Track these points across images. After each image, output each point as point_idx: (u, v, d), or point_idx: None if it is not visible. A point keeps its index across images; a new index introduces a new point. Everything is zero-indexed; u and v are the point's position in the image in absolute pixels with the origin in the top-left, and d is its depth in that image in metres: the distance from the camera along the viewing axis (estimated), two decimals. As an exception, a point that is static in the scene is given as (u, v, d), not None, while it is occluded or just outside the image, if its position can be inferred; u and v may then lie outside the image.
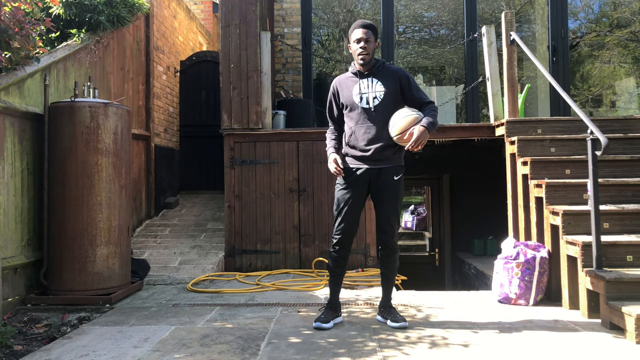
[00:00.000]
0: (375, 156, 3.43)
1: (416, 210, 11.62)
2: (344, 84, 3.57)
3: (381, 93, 3.44)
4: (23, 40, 4.00)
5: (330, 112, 3.68)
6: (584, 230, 3.77)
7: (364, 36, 3.43)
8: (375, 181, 3.46)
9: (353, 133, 3.49)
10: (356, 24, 3.51)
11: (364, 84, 3.48)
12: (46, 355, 3.01)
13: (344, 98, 3.54)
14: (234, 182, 5.61)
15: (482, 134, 5.55)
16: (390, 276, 3.56)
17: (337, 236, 3.46)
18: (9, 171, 4.00)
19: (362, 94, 3.47)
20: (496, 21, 6.78)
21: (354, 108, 3.48)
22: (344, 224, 3.45)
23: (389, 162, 3.46)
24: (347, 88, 3.53)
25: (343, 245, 3.47)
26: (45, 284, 4.20)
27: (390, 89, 3.46)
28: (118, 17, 5.63)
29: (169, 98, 7.74)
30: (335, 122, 3.68)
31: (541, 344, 3.08)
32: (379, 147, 3.41)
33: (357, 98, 3.47)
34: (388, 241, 3.47)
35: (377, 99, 3.44)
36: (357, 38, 3.45)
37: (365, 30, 3.45)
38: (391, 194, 3.45)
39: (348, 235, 3.47)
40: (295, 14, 7.26)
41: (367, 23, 3.49)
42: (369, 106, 3.44)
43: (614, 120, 4.96)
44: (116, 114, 4.36)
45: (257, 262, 5.56)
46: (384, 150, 3.43)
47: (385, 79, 3.48)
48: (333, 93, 3.62)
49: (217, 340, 3.19)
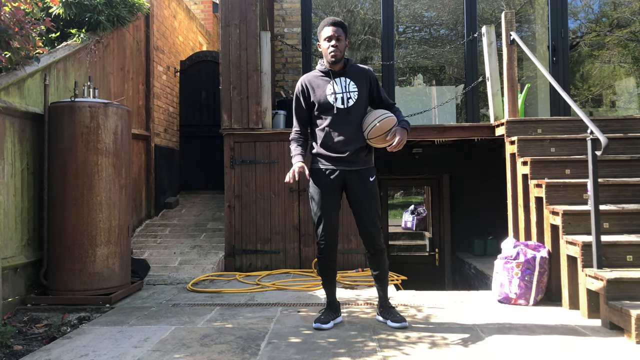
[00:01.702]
0: (350, 158, 3.37)
1: (416, 210, 11.61)
2: (314, 83, 3.45)
3: (355, 93, 3.39)
4: (23, 40, 4.00)
5: (299, 112, 3.51)
6: (584, 230, 3.77)
7: (335, 34, 3.35)
8: (351, 183, 3.40)
9: (327, 134, 3.39)
10: (326, 21, 3.42)
11: (337, 83, 3.40)
12: (46, 355, 3.01)
13: (316, 97, 3.42)
14: (234, 182, 5.61)
15: (482, 134, 5.55)
16: (383, 276, 3.53)
17: (322, 241, 3.42)
18: (9, 171, 4.00)
19: (337, 94, 3.38)
20: (496, 21, 6.78)
21: (327, 108, 3.38)
22: (325, 228, 3.39)
23: (364, 164, 3.43)
24: (320, 87, 3.42)
25: (330, 248, 3.44)
26: (45, 284, 4.20)
27: (362, 89, 3.42)
28: (118, 17, 5.63)
29: (169, 98, 7.74)
30: (303, 124, 3.53)
31: (541, 344, 3.08)
32: (354, 149, 3.37)
33: (331, 98, 3.37)
34: (373, 242, 3.43)
35: (352, 99, 3.38)
36: (328, 36, 3.37)
37: (335, 28, 3.37)
38: (369, 195, 3.41)
39: (332, 237, 3.43)
40: (295, 14, 7.26)
41: (337, 20, 3.42)
42: (344, 106, 3.36)
43: (614, 120, 4.96)
44: (116, 114, 4.36)
45: (257, 262, 5.56)
46: (359, 152, 3.40)
47: (356, 79, 3.43)
48: (302, 91, 3.46)
49: (217, 340, 3.19)
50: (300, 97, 3.49)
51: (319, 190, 3.42)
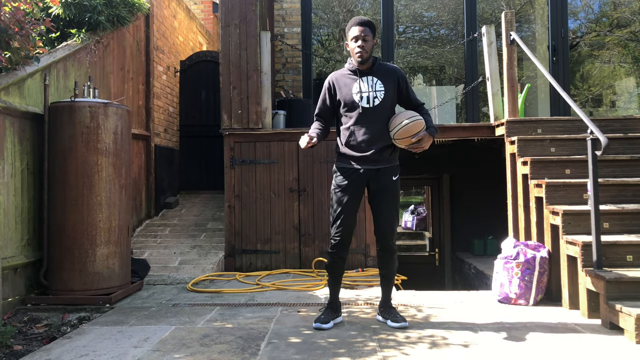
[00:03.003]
0: (374, 157, 3.39)
1: (416, 210, 11.62)
2: (341, 81, 3.48)
3: (381, 93, 3.39)
4: (23, 40, 4.00)
5: (323, 107, 3.55)
6: (584, 230, 3.77)
7: (362, 34, 3.37)
8: (373, 182, 3.42)
9: (353, 133, 3.41)
10: (353, 21, 3.43)
11: (363, 82, 3.41)
12: (46, 355, 3.01)
13: (342, 96, 3.45)
14: (234, 182, 5.61)
15: (482, 133, 5.55)
16: (390, 277, 3.54)
17: (337, 238, 3.43)
18: (9, 171, 4.00)
19: (362, 92, 3.39)
20: (496, 21, 6.78)
21: (353, 107, 3.41)
22: (342, 225, 3.41)
23: (387, 163, 3.44)
24: (346, 86, 3.45)
25: (343, 246, 3.45)
26: (45, 284, 4.20)
27: (389, 88, 3.42)
28: (118, 17, 5.63)
29: (169, 98, 7.74)
30: (324, 118, 3.58)
31: (541, 344, 3.08)
32: (379, 148, 3.38)
33: (357, 97, 3.40)
34: (388, 243, 3.45)
35: (378, 98, 3.39)
36: (355, 36, 3.39)
37: (362, 27, 3.38)
38: (391, 195, 3.43)
39: (347, 236, 3.45)
40: (295, 14, 7.26)
41: (364, 20, 3.42)
42: (369, 105, 3.38)
43: (614, 120, 4.96)
44: (116, 114, 4.36)
45: (257, 262, 5.56)
46: (383, 151, 3.41)
47: (384, 78, 3.43)
48: (328, 88, 3.50)
49: (217, 340, 3.19)
50: (327, 93, 3.53)
51: (341, 188, 3.43)
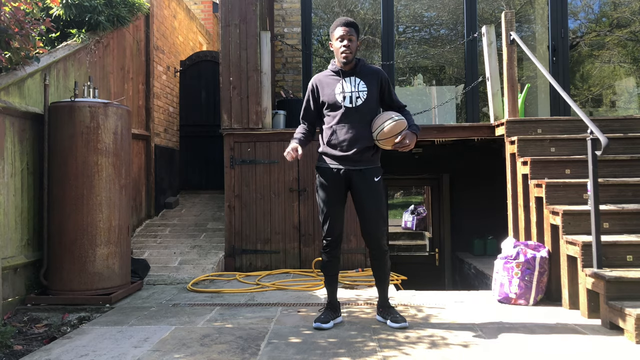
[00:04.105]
0: (355, 157, 3.39)
1: (416, 210, 11.62)
2: (324, 82, 3.49)
3: (364, 93, 3.40)
4: (23, 40, 4.00)
5: (307, 110, 3.58)
6: (584, 230, 3.77)
7: (347, 34, 3.38)
8: (355, 182, 3.42)
9: (334, 132, 3.41)
10: (338, 21, 3.45)
11: (346, 83, 3.42)
12: (46, 355, 3.01)
13: (325, 96, 3.45)
14: (234, 182, 5.61)
15: (482, 133, 5.55)
16: (384, 277, 3.53)
17: (328, 238, 3.46)
18: (9, 171, 4.00)
19: (345, 92, 3.40)
20: (496, 21, 6.78)
21: (336, 107, 3.41)
22: (331, 226, 3.43)
23: (369, 164, 3.44)
24: (329, 86, 3.46)
25: (334, 246, 3.46)
26: (45, 284, 4.20)
27: (372, 89, 3.43)
28: (118, 17, 5.63)
29: (169, 98, 7.74)
30: (308, 122, 3.61)
31: (541, 344, 3.08)
32: (360, 148, 3.38)
33: (340, 97, 3.41)
34: (377, 243, 3.44)
35: (361, 98, 3.39)
36: (340, 36, 3.39)
37: (347, 28, 3.39)
38: (373, 195, 3.42)
39: (337, 235, 3.46)
40: (295, 14, 7.26)
41: (349, 21, 3.43)
42: (352, 105, 3.39)
43: (614, 120, 4.96)
44: (116, 114, 4.36)
45: (257, 262, 5.56)
46: (365, 151, 3.41)
47: (367, 79, 3.44)
48: (312, 90, 3.52)
49: (217, 340, 3.19)
50: (310, 96, 3.54)
51: (324, 188, 3.45)
